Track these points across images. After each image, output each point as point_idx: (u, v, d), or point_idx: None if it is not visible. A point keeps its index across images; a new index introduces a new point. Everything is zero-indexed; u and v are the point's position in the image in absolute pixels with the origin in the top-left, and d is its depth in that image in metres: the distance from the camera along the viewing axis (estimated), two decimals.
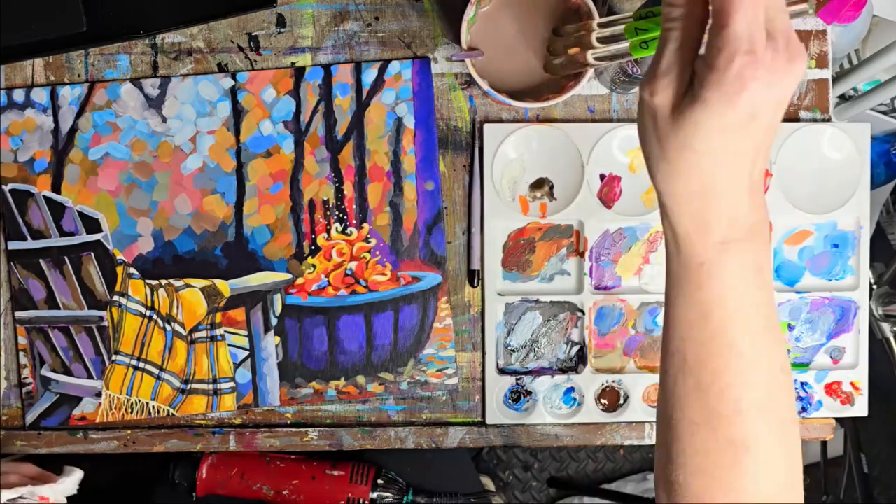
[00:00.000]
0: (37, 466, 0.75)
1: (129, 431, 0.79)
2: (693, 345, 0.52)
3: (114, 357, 0.78)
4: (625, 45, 0.64)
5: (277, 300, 0.79)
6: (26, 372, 0.78)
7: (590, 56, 0.68)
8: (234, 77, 0.78)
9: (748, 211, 0.49)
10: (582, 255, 0.80)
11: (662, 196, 0.50)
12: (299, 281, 0.79)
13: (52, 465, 0.77)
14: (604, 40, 0.67)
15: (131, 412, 0.79)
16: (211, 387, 0.79)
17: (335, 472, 0.90)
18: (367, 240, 0.79)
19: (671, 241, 0.51)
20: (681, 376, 0.53)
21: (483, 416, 0.81)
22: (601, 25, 0.67)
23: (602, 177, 0.80)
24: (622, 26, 0.64)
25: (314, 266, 0.79)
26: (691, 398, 0.53)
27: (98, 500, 0.99)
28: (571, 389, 0.81)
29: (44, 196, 0.78)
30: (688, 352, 0.53)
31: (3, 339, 0.79)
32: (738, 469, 0.52)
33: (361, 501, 0.89)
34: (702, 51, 0.46)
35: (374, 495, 0.90)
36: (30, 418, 0.79)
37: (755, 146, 0.47)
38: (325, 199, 0.79)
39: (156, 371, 0.79)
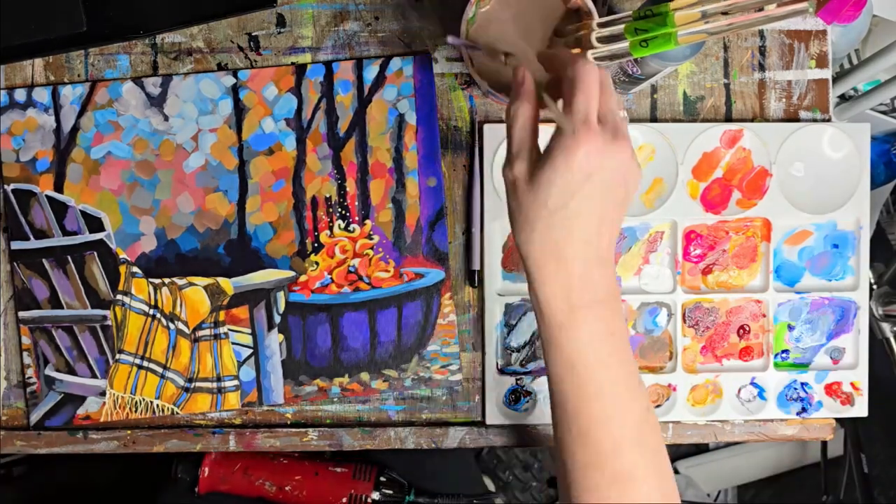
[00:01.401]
0: None
1: (129, 432, 0.79)
2: (568, 396, 0.61)
3: (118, 356, 0.79)
4: (624, 44, 0.65)
5: (281, 298, 0.79)
6: (30, 372, 0.78)
7: (590, 56, 0.68)
8: (235, 75, 0.78)
9: (597, 280, 0.58)
10: None
11: (526, 262, 0.59)
12: (302, 278, 0.79)
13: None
14: (603, 40, 0.67)
15: (135, 411, 0.79)
16: (215, 385, 0.79)
17: (338, 469, 0.90)
18: (369, 236, 0.79)
19: (536, 306, 0.60)
20: (565, 425, 0.61)
21: (483, 416, 0.81)
22: (601, 25, 0.67)
23: None
24: (622, 26, 0.65)
25: (317, 263, 0.79)
26: (577, 443, 0.61)
27: (100, 499, 0.99)
28: None
29: (46, 195, 0.78)
30: (566, 402, 0.61)
31: (3, 339, 0.79)
32: (626, 498, 0.60)
33: (364, 498, 0.90)
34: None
35: (377, 495, 0.90)
36: (34, 418, 0.79)
37: (598, 214, 0.57)
38: (328, 196, 0.79)
39: (160, 370, 0.79)
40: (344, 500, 0.90)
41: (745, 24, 0.60)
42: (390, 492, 0.92)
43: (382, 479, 0.92)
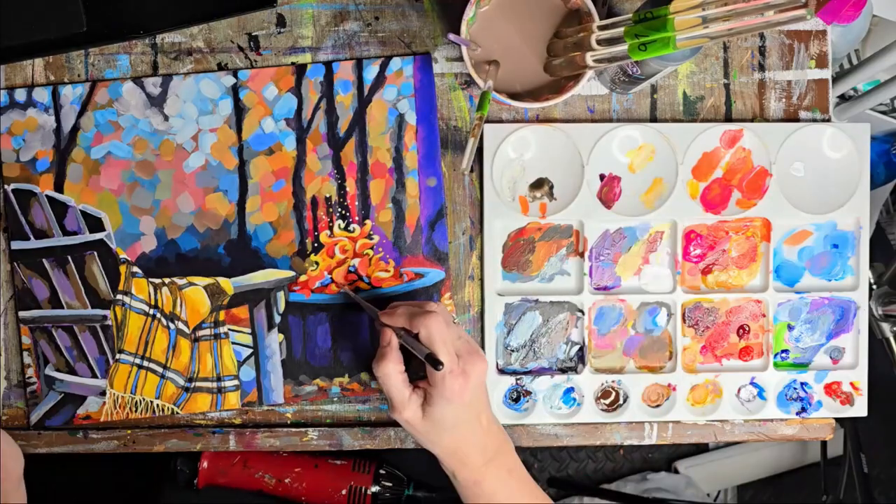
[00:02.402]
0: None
1: (128, 431, 0.79)
2: None
3: (118, 356, 0.79)
4: (624, 47, 0.65)
5: (281, 298, 0.79)
6: (30, 371, 0.78)
7: (589, 58, 0.68)
8: (235, 75, 0.78)
9: (490, 441, 0.72)
10: (582, 255, 0.81)
11: (442, 462, 0.73)
12: (302, 278, 0.79)
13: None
14: (603, 43, 0.67)
15: (135, 411, 0.79)
16: (215, 385, 0.79)
17: (338, 462, 0.91)
18: (369, 236, 0.79)
19: (451, 476, 0.73)
20: None
21: None
22: (601, 28, 0.67)
23: (602, 177, 0.80)
24: (622, 29, 0.65)
25: (317, 263, 0.79)
26: None
27: (100, 498, 0.99)
28: (571, 389, 0.81)
29: (46, 195, 0.78)
30: None
31: (3, 339, 0.79)
32: None
33: (363, 491, 0.90)
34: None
35: (376, 488, 0.90)
36: (34, 418, 0.79)
37: (475, 412, 0.71)
38: (328, 196, 0.79)
39: (160, 369, 0.79)
40: (343, 492, 0.90)
41: (745, 29, 0.60)
42: (389, 485, 0.92)
43: (382, 472, 0.92)
